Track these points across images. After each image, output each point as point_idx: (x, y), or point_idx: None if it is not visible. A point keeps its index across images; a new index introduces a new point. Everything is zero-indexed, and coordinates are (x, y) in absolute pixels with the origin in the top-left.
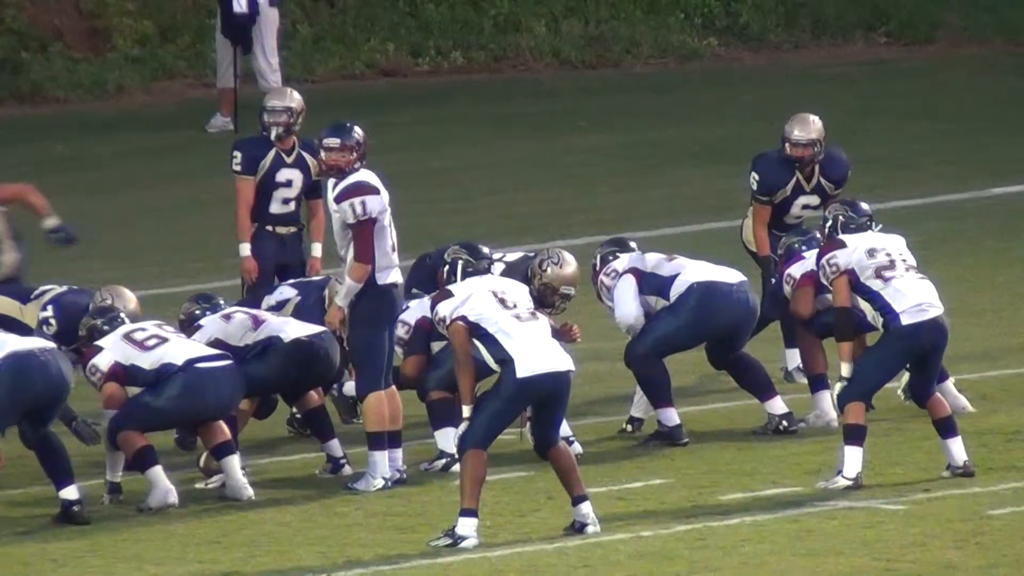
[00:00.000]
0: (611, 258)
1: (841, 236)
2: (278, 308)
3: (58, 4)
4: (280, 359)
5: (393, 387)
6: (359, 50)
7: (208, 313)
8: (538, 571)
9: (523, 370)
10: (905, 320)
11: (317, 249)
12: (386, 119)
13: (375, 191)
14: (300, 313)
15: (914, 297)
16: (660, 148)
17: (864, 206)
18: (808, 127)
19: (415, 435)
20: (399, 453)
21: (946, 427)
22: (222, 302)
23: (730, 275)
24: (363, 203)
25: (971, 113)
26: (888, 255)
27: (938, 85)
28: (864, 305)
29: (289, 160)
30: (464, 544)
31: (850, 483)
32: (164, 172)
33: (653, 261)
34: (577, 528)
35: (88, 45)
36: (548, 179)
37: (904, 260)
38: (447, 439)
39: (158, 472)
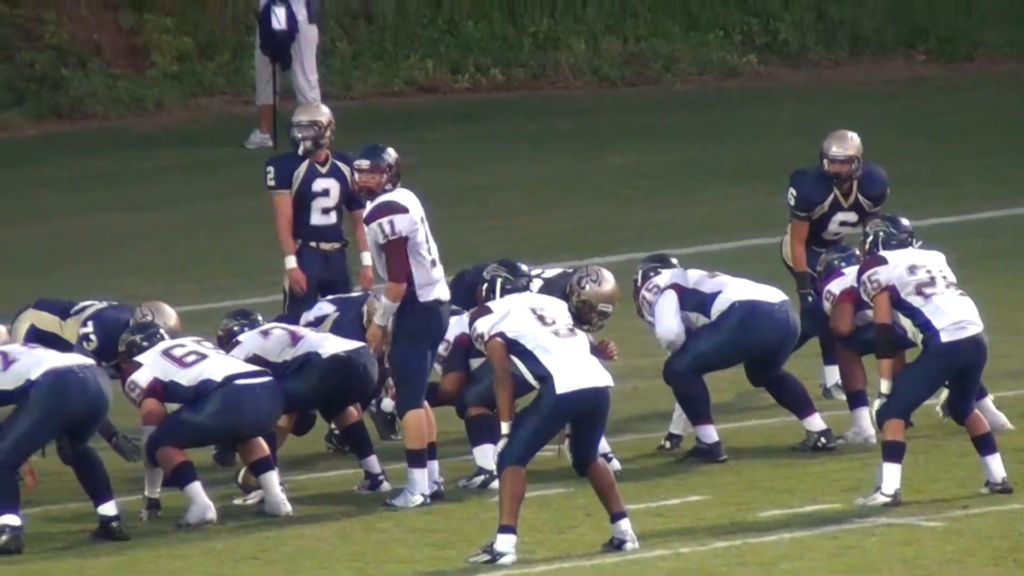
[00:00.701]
0: (652, 274)
1: (882, 252)
2: (316, 324)
3: (97, 21)
4: (318, 375)
5: (426, 402)
6: (398, 67)
7: (246, 329)
8: None
9: (562, 386)
10: (945, 337)
11: (367, 258)
12: (425, 136)
13: (404, 210)
14: (338, 329)
15: (954, 314)
16: (699, 165)
17: (905, 222)
18: (846, 144)
19: (454, 451)
20: (435, 465)
21: (985, 444)
22: (260, 318)
23: (772, 294)
24: (391, 223)
25: (1009, 131)
26: (929, 272)
27: (976, 103)
28: (904, 322)
29: (323, 171)
30: (502, 561)
31: (888, 500)
32: (203, 188)
33: (695, 277)
34: (616, 545)
35: (127, 62)
36: (587, 196)
37: (944, 277)
38: (485, 456)
39: (197, 488)
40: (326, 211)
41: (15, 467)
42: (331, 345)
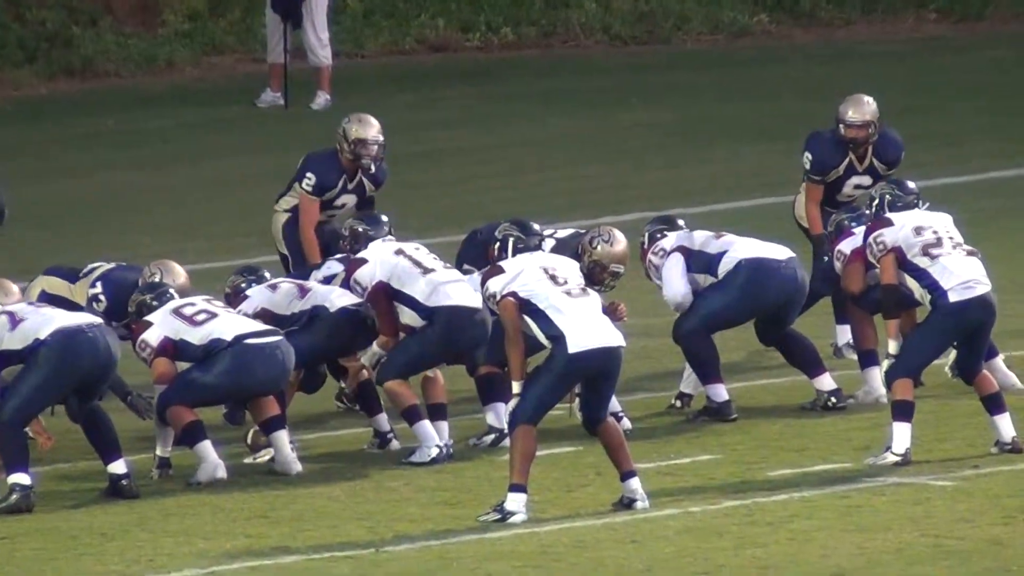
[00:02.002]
0: (659, 236)
1: (888, 214)
2: (326, 283)
3: None
4: (327, 328)
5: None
6: (409, 25)
7: (253, 285)
8: (586, 546)
9: (574, 345)
10: (953, 297)
11: None
12: (435, 95)
13: (362, 262)
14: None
15: (961, 274)
16: (710, 124)
17: (911, 184)
18: (863, 108)
19: (464, 410)
20: (445, 427)
21: (994, 403)
22: (267, 274)
23: (778, 251)
24: (355, 280)
25: (1021, 90)
26: (935, 233)
27: (987, 62)
28: (911, 283)
29: (351, 187)
30: (513, 519)
31: (899, 459)
32: (213, 147)
33: (701, 239)
34: (625, 503)
35: (138, 20)
36: (598, 155)
37: (951, 238)
38: (497, 415)
39: (207, 447)
40: (332, 216)
41: (23, 425)
42: (339, 298)
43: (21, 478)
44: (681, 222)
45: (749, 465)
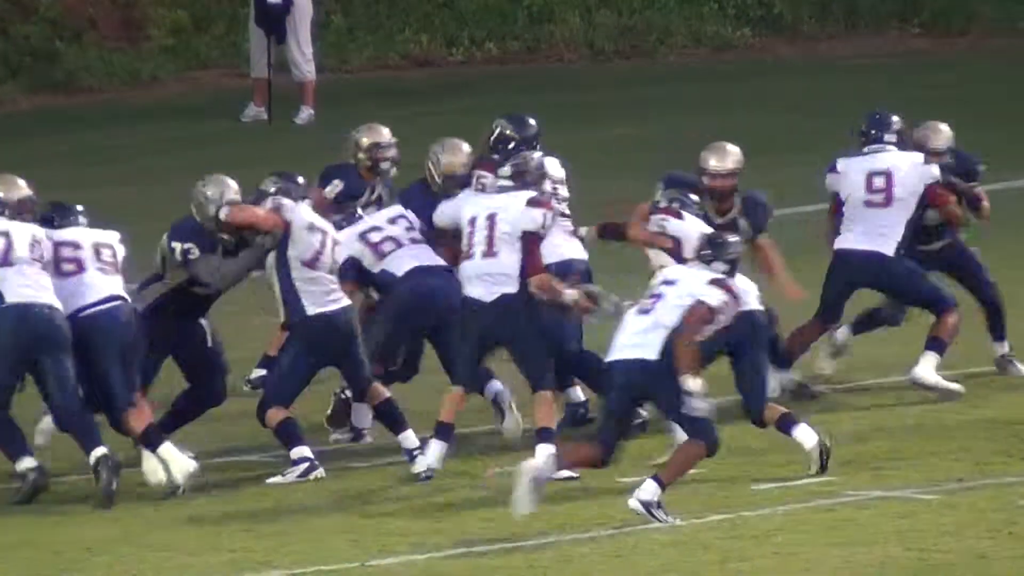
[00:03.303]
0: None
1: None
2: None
3: None
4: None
5: None
6: (393, 40)
7: (281, 189)
8: (572, 561)
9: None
10: None
11: None
12: (419, 109)
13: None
14: None
15: None
16: (693, 139)
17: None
18: (726, 157)
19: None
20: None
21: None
22: (300, 179)
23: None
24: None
25: (1003, 105)
26: None
27: (971, 76)
28: None
29: (372, 198)
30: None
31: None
32: (198, 162)
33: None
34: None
35: (122, 35)
36: (580, 170)
37: None
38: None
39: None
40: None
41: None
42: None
43: (28, 462)
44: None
45: (734, 479)
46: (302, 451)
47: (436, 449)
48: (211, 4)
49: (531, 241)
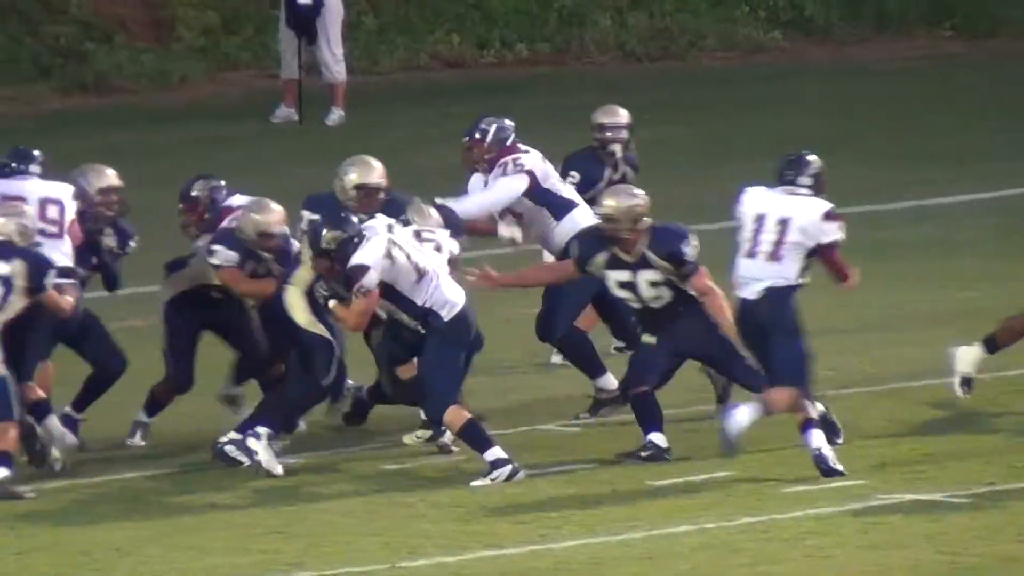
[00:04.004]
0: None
1: None
2: None
3: None
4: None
5: None
6: (424, 41)
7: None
8: (602, 563)
9: None
10: None
11: None
12: (450, 111)
13: None
14: None
15: None
16: (724, 141)
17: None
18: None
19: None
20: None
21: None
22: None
23: None
24: None
25: None
26: None
27: (1002, 79)
28: None
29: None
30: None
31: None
32: (228, 163)
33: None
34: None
35: (152, 35)
36: None
37: None
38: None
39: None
40: None
41: None
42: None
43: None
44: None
45: (765, 482)
46: (498, 452)
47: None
48: (241, 5)
49: (830, 252)
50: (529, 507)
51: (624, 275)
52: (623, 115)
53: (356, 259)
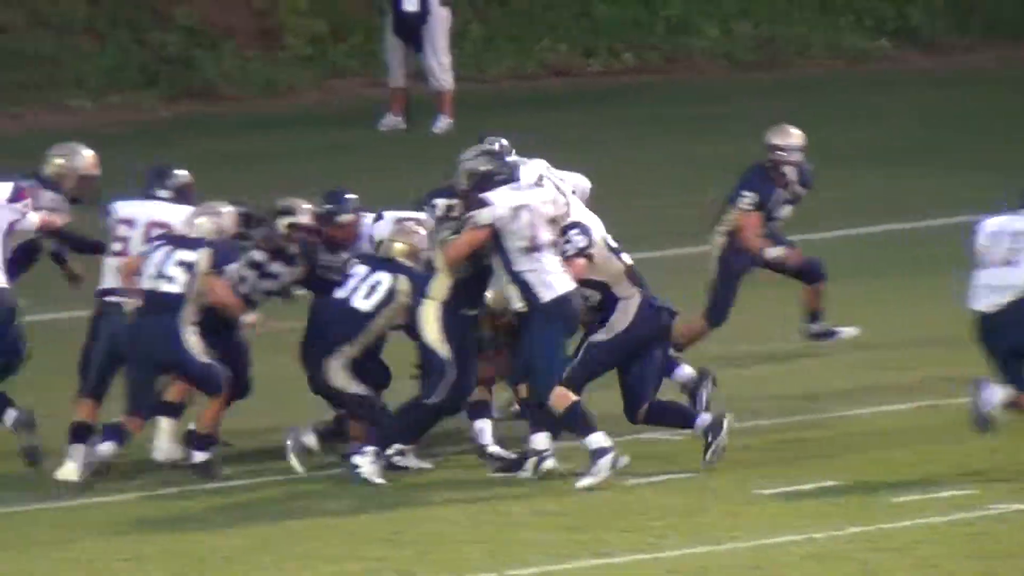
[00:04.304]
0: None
1: None
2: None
3: (230, 2)
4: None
5: None
6: (531, 50)
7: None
8: (709, 572)
9: None
10: None
11: None
12: (557, 119)
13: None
14: None
15: None
16: (831, 150)
17: None
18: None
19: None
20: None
21: None
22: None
23: None
24: None
25: None
26: None
27: None
28: None
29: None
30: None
31: None
32: (335, 170)
33: None
34: None
35: (260, 43)
36: (715, 180)
37: None
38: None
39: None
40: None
41: None
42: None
43: None
44: None
45: (873, 491)
46: (599, 439)
47: None
48: (348, 13)
49: None
50: (635, 515)
51: None
52: (796, 136)
53: (487, 194)
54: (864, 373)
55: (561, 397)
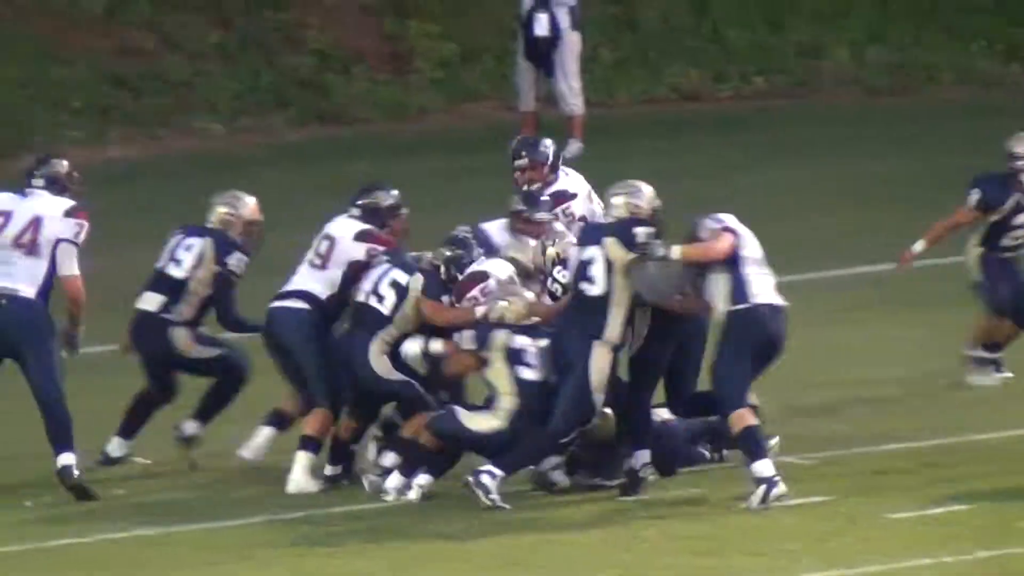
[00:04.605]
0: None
1: None
2: None
3: (360, 26)
4: None
5: None
6: (661, 75)
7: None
8: None
9: None
10: None
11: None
12: (686, 143)
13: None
14: None
15: None
16: (960, 175)
17: None
18: None
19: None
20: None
21: None
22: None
23: None
24: None
25: None
26: None
27: None
28: None
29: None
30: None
31: None
32: (468, 195)
33: None
34: None
35: (390, 67)
36: (848, 202)
37: None
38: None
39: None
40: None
41: None
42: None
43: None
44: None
45: (1003, 515)
46: (764, 468)
47: None
48: (479, 37)
49: None
50: (767, 539)
51: None
52: None
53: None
54: (999, 398)
55: (739, 417)
